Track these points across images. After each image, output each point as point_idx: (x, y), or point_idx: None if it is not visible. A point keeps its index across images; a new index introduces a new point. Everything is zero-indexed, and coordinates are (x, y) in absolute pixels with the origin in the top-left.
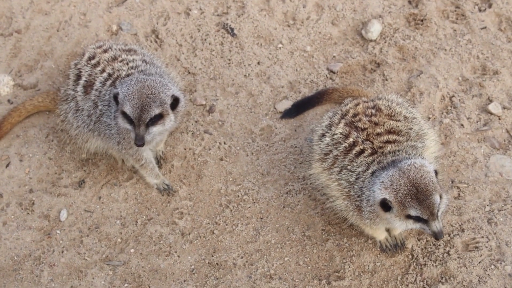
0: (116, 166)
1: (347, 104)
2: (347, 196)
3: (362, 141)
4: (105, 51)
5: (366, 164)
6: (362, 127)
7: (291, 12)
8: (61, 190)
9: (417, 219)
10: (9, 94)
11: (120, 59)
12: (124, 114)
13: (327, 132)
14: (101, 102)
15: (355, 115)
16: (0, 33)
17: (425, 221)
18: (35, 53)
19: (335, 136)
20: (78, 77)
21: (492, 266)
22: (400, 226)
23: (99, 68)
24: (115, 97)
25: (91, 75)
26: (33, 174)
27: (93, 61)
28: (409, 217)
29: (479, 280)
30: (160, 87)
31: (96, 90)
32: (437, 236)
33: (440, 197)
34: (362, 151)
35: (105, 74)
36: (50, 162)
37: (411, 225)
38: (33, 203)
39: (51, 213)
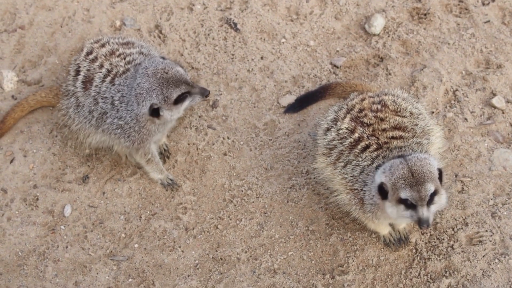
0: (120, 161)
1: (352, 98)
2: (350, 190)
3: (368, 137)
4: (103, 45)
5: (371, 159)
6: (368, 122)
7: (294, 7)
8: (65, 186)
9: (407, 204)
10: (13, 90)
11: (117, 53)
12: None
13: (333, 126)
14: (101, 99)
15: (361, 110)
16: (4, 29)
17: (414, 207)
18: (39, 49)
19: (341, 131)
20: (77, 72)
21: (496, 260)
22: (392, 213)
23: (97, 64)
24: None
25: (89, 71)
26: (37, 169)
27: (91, 56)
28: (400, 201)
29: (483, 274)
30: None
31: (96, 86)
32: (420, 222)
33: (437, 192)
34: (367, 147)
35: (104, 70)
36: (54, 157)
37: (402, 211)
38: (37, 199)
39: (55, 209)
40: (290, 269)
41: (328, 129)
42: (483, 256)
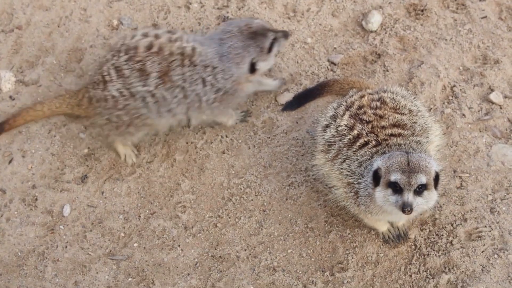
0: (119, 160)
1: (352, 95)
2: (347, 184)
3: (367, 134)
4: (156, 37)
5: (370, 154)
6: (367, 119)
7: (291, 4)
8: (64, 186)
9: (395, 188)
10: (11, 90)
11: (173, 38)
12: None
13: (332, 123)
14: (190, 83)
15: (360, 107)
16: (1, 29)
17: (401, 192)
18: (36, 49)
19: (340, 128)
20: (143, 72)
21: (495, 255)
22: (379, 197)
23: (166, 53)
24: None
25: (161, 64)
26: (35, 170)
27: (154, 49)
28: (389, 184)
29: (482, 270)
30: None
31: (178, 75)
32: (404, 205)
33: (428, 187)
34: (366, 143)
35: (176, 56)
36: (53, 157)
37: (388, 195)
38: (36, 199)
39: (54, 209)
40: (290, 267)
41: (327, 126)
42: (482, 252)
